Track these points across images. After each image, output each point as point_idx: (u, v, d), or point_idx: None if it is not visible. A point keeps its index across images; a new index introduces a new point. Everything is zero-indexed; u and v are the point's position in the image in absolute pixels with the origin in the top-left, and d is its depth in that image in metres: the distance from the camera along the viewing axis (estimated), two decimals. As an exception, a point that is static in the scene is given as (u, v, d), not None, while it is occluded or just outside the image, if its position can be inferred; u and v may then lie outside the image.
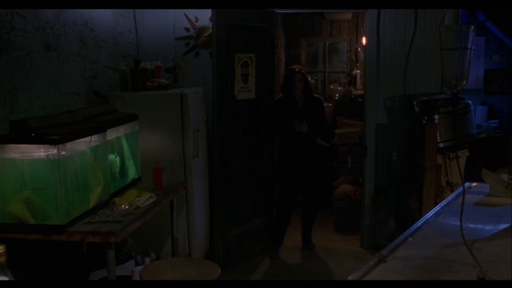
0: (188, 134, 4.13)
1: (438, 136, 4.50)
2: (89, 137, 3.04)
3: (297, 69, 4.94)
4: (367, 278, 1.98)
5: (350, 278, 1.92)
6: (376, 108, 4.97)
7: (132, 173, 3.73)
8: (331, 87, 7.17)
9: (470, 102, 4.66)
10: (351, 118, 6.42)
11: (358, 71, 6.84)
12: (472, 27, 2.35)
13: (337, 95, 6.96)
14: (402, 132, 4.96)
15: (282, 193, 5.06)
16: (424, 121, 4.54)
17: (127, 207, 3.15)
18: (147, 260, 3.67)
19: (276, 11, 5.05)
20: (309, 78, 7.08)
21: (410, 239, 2.44)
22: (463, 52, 2.32)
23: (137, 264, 3.61)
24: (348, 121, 6.37)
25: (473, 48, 2.30)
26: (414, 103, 4.66)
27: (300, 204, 5.30)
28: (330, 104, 7.04)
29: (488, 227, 2.55)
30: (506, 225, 2.56)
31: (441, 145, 4.52)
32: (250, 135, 4.78)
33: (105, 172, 3.22)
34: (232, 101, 4.55)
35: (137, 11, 5.01)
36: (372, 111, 4.98)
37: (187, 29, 5.02)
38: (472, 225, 2.60)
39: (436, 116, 4.51)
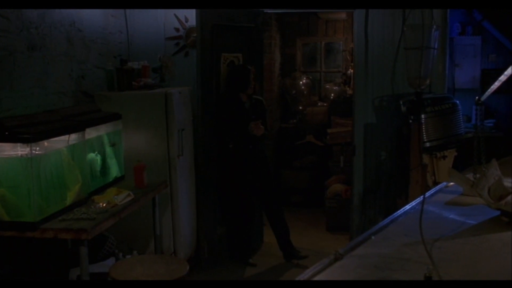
0: (173, 134, 4.17)
1: (424, 135, 4.50)
2: (67, 135, 3.09)
3: (248, 67, 4.63)
4: (320, 276, 2.00)
5: (299, 277, 1.94)
6: (365, 107, 4.97)
7: (114, 172, 3.78)
8: (327, 86, 7.18)
9: (457, 101, 4.64)
10: (345, 118, 6.43)
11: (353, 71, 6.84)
12: (434, 26, 2.36)
13: (332, 94, 6.98)
14: (391, 132, 4.96)
15: (239, 200, 4.74)
16: (410, 121, 4.54)
17: (104, 205, 3.19)
18: (129, 257, 3.71)
19: (265, 11, 5.06)
20: (305, 78, 7.12)
21: (373, 237, 2.46)
22: (427, 52, 2.33)
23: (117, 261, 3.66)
24: (342, 120, 6.39)
25: (436, 47, 2.32)
26: (401, 102, 4.65)
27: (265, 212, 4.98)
28: (325, 104, 7.06)
29: (453, 226, 2.56)
30: (471, 224, 2.57)
31: (428, 144, 4.52)
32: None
33: (84, 170, 3.27)
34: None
35: (128, 11, 5.06)
36: (361, 110, 4.98)
37: (177, 29, 5.05)
38: (438, 224, 2.61)
39: (423, 116, 4.50)
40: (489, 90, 2.94)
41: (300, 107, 7.06)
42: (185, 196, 4.37)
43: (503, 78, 2.86)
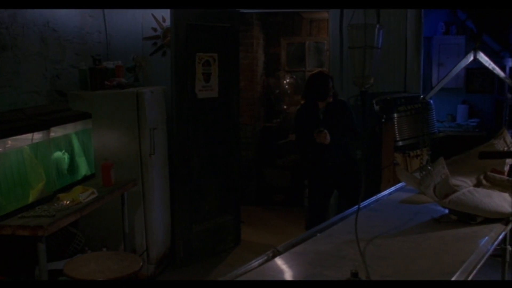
0: (145, 132, 4.21)
1: (397, 134, 4.52)
2: (30, 134, 3.13)
3: (326, 73, 4.44)
4: (250, 274, 2.03)
5: (228, 275, 1.98)
6: (340, 106, 4.99)
7: (83, 170, 3.82)
8: (311, 86, 7.18)
9: (430, 101, 4.66)
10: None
11: (337, 70, 6.85)
12: (378, 25, 2.39)
13: (316, 94, 6.99)
14: (366, 131, 4.98)
15: (313, 211, 4.68)
16: (383, 120, 4.57)
17: (68, 202, 3.23)
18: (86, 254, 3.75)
19: (240, 11, 5.09)
20: (288, 78, 7.15)
21: (318, 234, 2.49)
22: (370, 51, 2.35)
23: (85, 258, 3.69)
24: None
25: (380, 47, 2.34)
26: (374, 101, 4.68)
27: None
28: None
29: (398, 224, 2.58)
30: (418, 222, 2.60)
31: (400, 143, 4.55)
32: (213, 133, 4.85)
33: (49, 168, 3.31)
34: (192, 100, 4.62)
35: (106, 11, 5.10)
36: (337, 109, 5.00)
37: (154, 29, 5.10)
38: (385, 222, 2.63)
39: (395, 115, 4.54)
40: (435, 88, 2.97)
41: (284, 106, 7.10)
42: (157, 194, 4.41)
43: (453, 73, 2.89)
